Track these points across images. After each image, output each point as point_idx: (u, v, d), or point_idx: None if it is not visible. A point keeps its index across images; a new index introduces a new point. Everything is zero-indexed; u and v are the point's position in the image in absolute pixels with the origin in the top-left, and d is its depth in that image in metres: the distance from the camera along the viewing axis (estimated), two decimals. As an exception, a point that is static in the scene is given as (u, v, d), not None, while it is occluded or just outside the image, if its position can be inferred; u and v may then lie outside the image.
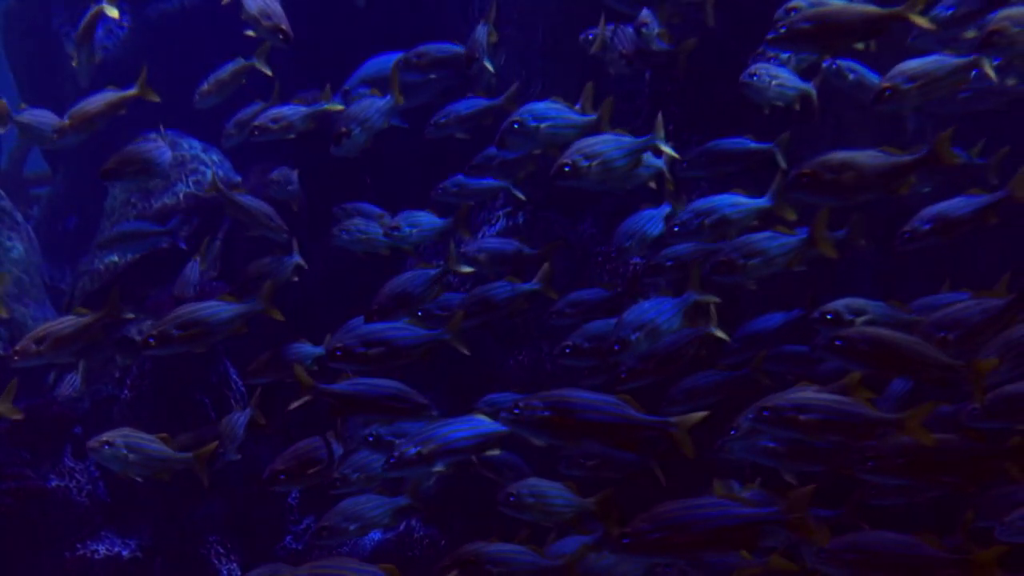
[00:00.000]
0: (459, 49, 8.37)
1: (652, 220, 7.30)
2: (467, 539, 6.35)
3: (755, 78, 7.15)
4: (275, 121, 8.27)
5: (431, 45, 8.39)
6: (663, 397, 6.97)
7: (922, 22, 6.52)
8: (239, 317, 7.20)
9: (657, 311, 6.47)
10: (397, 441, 6.70)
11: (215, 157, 10.86)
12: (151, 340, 7.02)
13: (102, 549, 9.37)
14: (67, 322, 7.41)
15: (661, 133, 6.94)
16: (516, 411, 5.69)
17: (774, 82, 7.14)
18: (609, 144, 6.82)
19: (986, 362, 5.70)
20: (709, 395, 6.93)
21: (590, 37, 8.13)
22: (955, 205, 6.57)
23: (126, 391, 9.62)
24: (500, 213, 9.40)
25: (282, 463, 7.05)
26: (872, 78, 7.26)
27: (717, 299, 6.61)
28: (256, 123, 8.31)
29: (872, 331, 6.00)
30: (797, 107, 7.25)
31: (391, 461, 6.29)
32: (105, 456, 7.05)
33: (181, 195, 10.71)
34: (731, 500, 5.27)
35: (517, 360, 8.75)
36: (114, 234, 9.89)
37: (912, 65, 6.59)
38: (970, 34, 6.80)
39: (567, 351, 7.05)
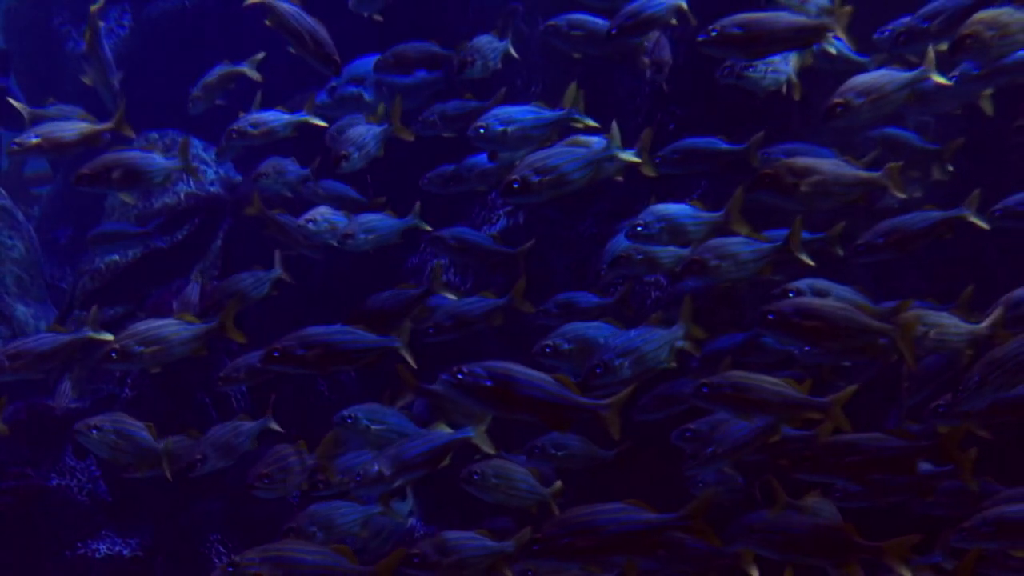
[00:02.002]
0: (437, 50, 8.36)
1: None
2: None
3: (751, 69, 7.15)
4: (255, 126, 8.17)
5: (408, 45, 8.38)
6: (634, 405, 6.98)
7: (843, 37, 6.67)
8: (199, 337, 6.90)
9: (644, 339, 6.35)
10: (373, 427, 6.68)
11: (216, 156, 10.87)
12: (113, 355, 6.74)
13: (103, 548, 9.38)
14: (43, 340, 7.13)
15: (617, 140, 6.76)
16: (459, 376, 5.64)
17: (769, 69, 7.14)
18: (564, 157, 6.67)
19: (912, 320, 5.91)
20: (680, 403, 6.90)
21: (552, 23, 8.04)
22: (910, 220, 6.70)
23: (127, 390, 9.63)
24: (500, 212, 9.39)
25: (264, 467, 6.70)
26: (838, 46, 7.26)
27: (706, 335, 6.57)
28: (235, 127, 8.21)
29: (802, 301, 6.12)
30: (784, 91, 7.27)
31: (356, 480, 6.30)
32: (92, 441, 6.88)
33: (182, 194, 10.73)
34: (635, 505, 5.40)
35: (517, 360, 8.74)
36: (96, 234, 9.91)
37: (863, 80, 6.66)
38: (943, 47, 6.83)
39: (547, 350, 6.95)
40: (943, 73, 6.75)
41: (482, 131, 7.10)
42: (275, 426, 7.23)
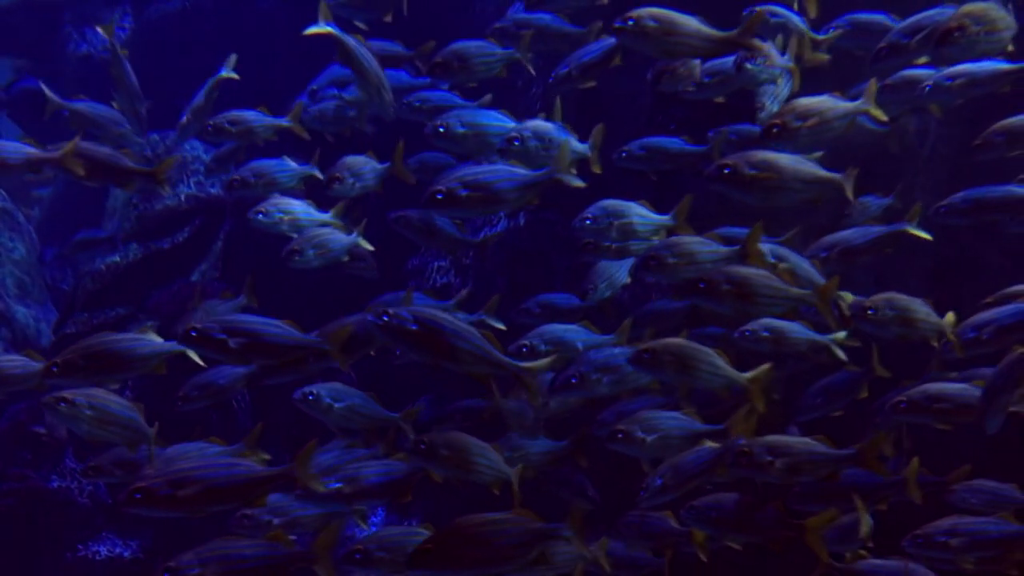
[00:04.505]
0: (402, 50, 8.42)
1: (623, 269, 7.30)
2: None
3: (750, 63, 7.12)
4: (233, 124, 7.99)
5: (375, 42, 8.34)
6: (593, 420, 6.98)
7: (758, 46, 6.66)
8: (157, 355, 6.45)
9: (628, 359, 6.31)
10: (335, 406, 6.63)
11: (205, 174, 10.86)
12: (54, 369, 6.31)
13: (103, 550, 9.40)
14: (16, 362, 6.77)
15: (564, 164, 6.59)
16: (385, 318, 5.58)
17: (767, 62, 7.11)
18: (498, 175, 6.52)
19: (829, 287, 6.23)
20: None
21: (498, 25, 8.00)
22: (854, 235, 6.82)
23: (127, 391, 9.63)
24: (501, 213, 9.38)
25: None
26: (795, 20, 7.22)
27: None
28: (213, 121, 8.02)
29: (731, 269, 6.21)
30: (780, 81, 7.27)
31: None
32: (63, 415, 6.37)
33: (183, 196, 10.73)
34: (522, 516, 5.50)
35: (516, 361, 8.72)
36: (72, 244, 10.16)
37: (805, 103, 6.61)
38: (923, 60, 6.82)
39: (523, 350, 6.82)
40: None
41: (442, 130, 7.07)
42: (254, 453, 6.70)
